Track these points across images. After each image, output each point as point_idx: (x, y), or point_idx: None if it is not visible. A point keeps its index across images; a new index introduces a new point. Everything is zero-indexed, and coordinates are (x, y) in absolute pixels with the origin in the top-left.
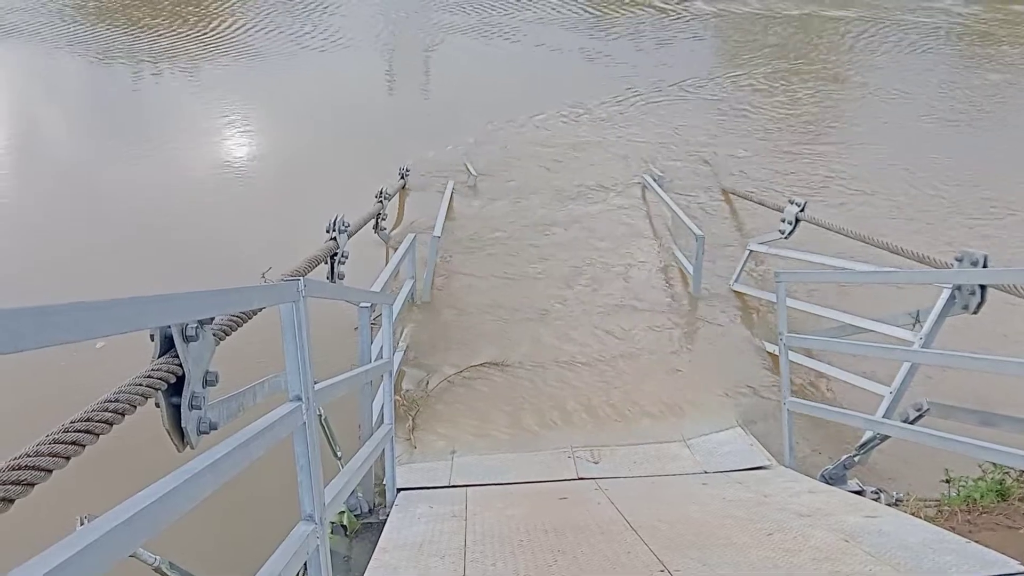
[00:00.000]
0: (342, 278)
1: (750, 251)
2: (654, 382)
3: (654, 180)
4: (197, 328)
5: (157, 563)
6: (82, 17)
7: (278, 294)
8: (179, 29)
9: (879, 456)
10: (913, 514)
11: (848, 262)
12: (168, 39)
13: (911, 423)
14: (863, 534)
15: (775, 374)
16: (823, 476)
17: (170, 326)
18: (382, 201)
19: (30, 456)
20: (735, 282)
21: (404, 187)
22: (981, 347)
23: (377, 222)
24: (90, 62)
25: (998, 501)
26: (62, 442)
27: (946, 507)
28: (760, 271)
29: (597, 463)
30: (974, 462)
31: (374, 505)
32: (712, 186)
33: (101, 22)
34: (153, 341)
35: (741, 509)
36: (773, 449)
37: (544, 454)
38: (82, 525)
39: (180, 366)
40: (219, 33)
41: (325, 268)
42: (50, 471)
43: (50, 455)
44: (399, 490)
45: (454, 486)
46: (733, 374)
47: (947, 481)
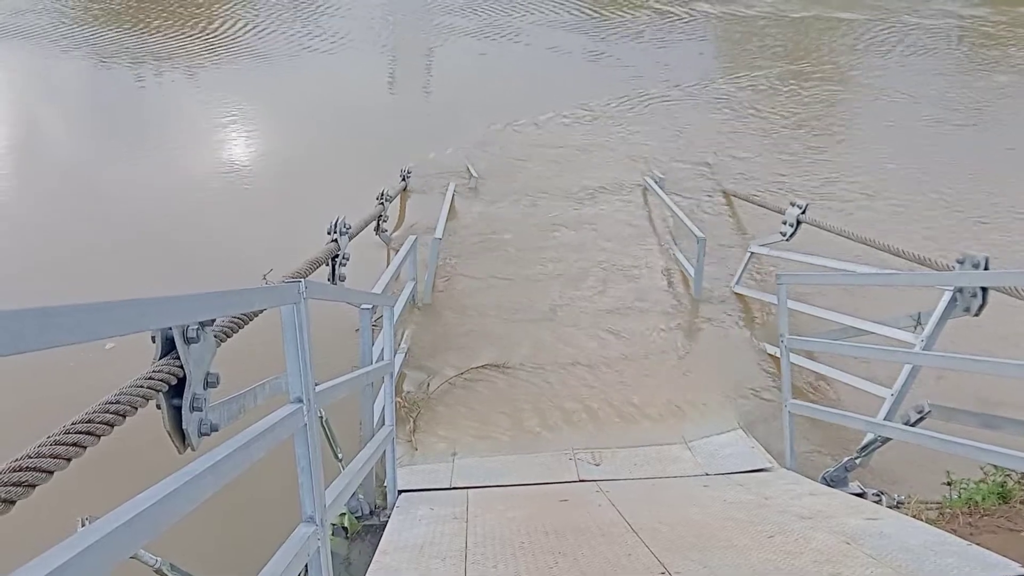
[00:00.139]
0: (343, 280)
1: (751, 253)
2: (655, 384)
3: (655, 182)
4: (198, 330)
5: (158, 565)
6: (91, 19)
7: (279, 296)
8: (181, 30)
9: (880, 458)
10: (914, 516)
11: (849, 264)
12: (169, 40)
13: (912, 425)
14: (864, 536)
15: (776, 376)
16: (824, 478)
17: (171, 328)
18: (383, 203)
19: (31, 457)
20: (736, 284)
21: (405, 189)
22: (982, 349)
23: (378, 224)
24: (92, 63)
25: (999, 503)
26: (63, 443)
27: (947, 509)
28: (761, 273)
29: (598, 465)
30: (975, 464)
31: (375, 507)
32: (714, 188)
33: (105, 24)
34: (154, 343)
35: (742, 511)
36: (774, 451)
37: (545, 456)
38: (83, 526)
39: (181, 368)
40: (221, 34)
41: (326, 270)
42: (51, 472)
43: (51, 456)
44: (400, 492)
45: (455, 488)
46: (734, 376)
47: (948, 483)
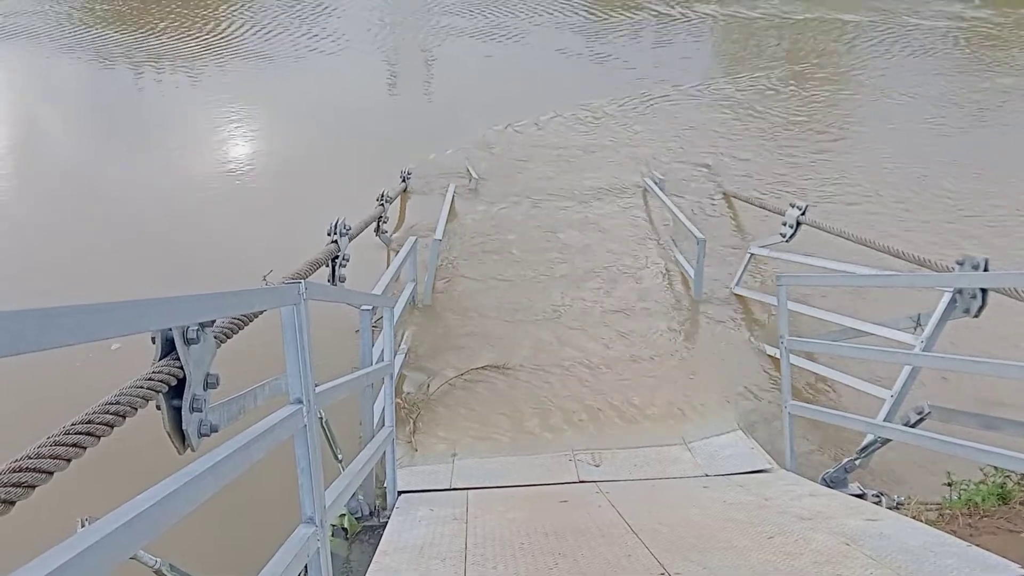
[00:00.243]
0: (343, 281)
1: (751, 254)
2: (655, 385)
3: (655, 184)
4: (198, 331)
5: (158, 565)
6: (95, 20)
7: (279, 297)
8: (187, 31)
9: (880, 459)
10: (914, 517)
11: (849, 265)
12: (172, 41)
13: (912, 426)
14: (864, 537)
15: (776, 377)
16: (824, 479)
17: (171, 328)
18: (383, 204)
19: (31, 458)
20: (736, 285)
21: (405, 190)
22: (982, 351)
23: (378, 225)
24: (94, 64)
25: (999, 505)
26: (63, 444)
27: (947, 511)
28: (761, 274)
29: (598, 466)
30: (975, 466)
31: (375, 508)
32: (714, 189)
33: (109, 25)
34: (154, 344)
35: (742, 512)
36: (774, 452)
37: (545, 457)
38: (83, 527)
39: (181, 368)
40: (222, 35)
41: (326, 271)
42: (51, 473)
43: (51, 457)
44: (400, 493)
45: (455, 489)
46: (734, 377)
47: (948, 484)
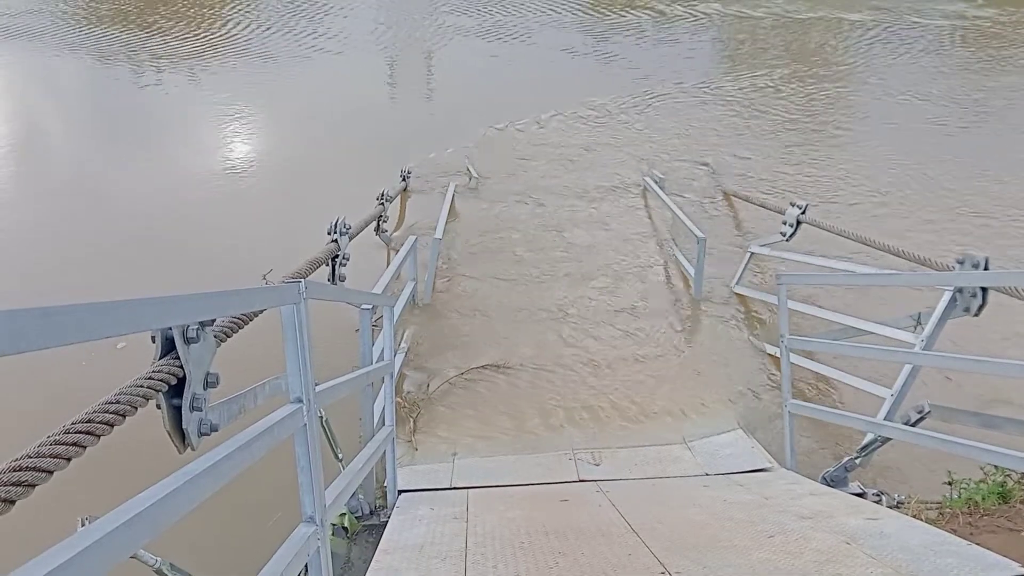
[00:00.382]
0: (343, 280)
1: (751, 253)
2: (655, 384)
3: (655, 182)
4: (198, 330)
5: (158, 564)
6: (98, 19)
7: (279, 296)
8: (185, 31)
9: (880, 458)
10: (914, 516)
11: (849, 264)
12: (176, 41)
13: (912, 425)
14: (864, 536)
15: (776, 376)
16: (824, 478)
17: (171, 328)
18: (383, 203)
19: (31, 457)
20: (736, 284)
21: (405, 189)
22: (982, 349)
23: (378, 224)
24: (96, 64)
25: (999, 503)
26: (63, 443)
27: (947, 509)
28: (761, 273)
29: (598, 465)
30: (975, 464)
31: (375, 507)
32: (715, 188)
33: (114, 24)
34: (154, 343)
35: (742, 511)
36: (774, 451)
37: (545, 456)
38: (83, 526)
39: (181, 368)
40: (224, 36)
41: (326, 270)
42: (51, 472)
43: (51, 456)
44: (400, 492)
45: (455, 488)
46: (734, 376)
47: (948, 483)
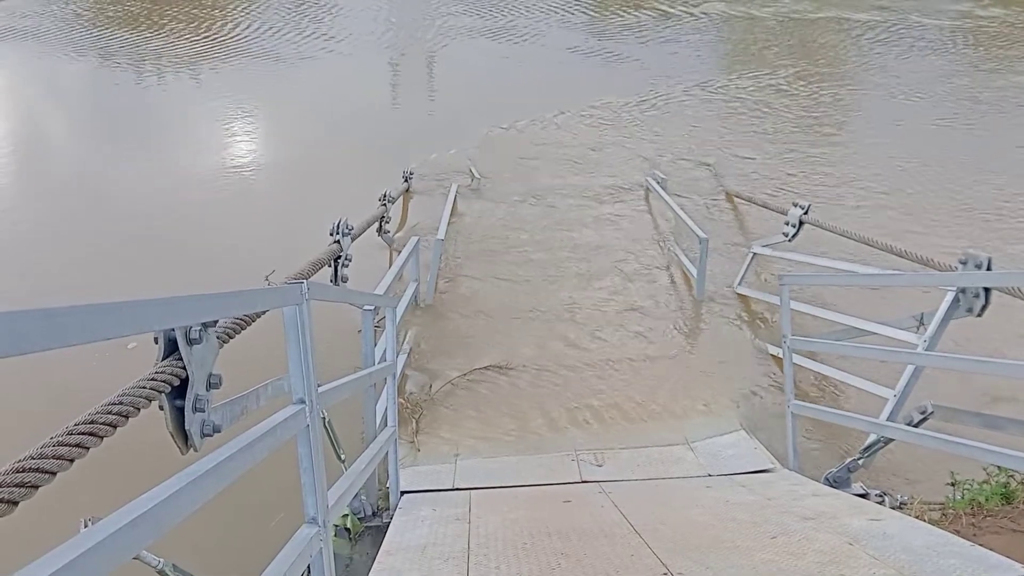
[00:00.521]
0: (345, 281)
1: (754, 254)
2: (657, 385)
3: (657, 183)
4: (201, 331)
5: (161, 566)
6: (105, 20)
7: (282, 297)
8: (188, 32)
9: (883, 459)
10: (917, 517)
11: (852, 265)
12: (178, 41)
13: (915, 426)
14: (867, 537)
15: (779, 377)
16: (827, 479)
17: (174, 329)
18: (386, 204)
19: (34, 458)
20: (739, 285)
21: (408, 190)
22: (985, 349)
23: (381, 225)
24: (99, 65)
25: (1003, 504)
26: (66, 444)
27: (950, 510)
28: (764, 274)
29: (601, 466)
30: (979, 465)
31: (377, 508)
32: (717, 188)
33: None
34: (157, 344)
35: (745, 512)
36: (777, 452)
37: (548, 457)
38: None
39: (184, 369)
40: (226, 36)
41: (328, 271)
42: (54, 473)
43: (54, 457)
44: (402, 493)
45: (458, 489)
46: (737, 377)
47: (952, 484)
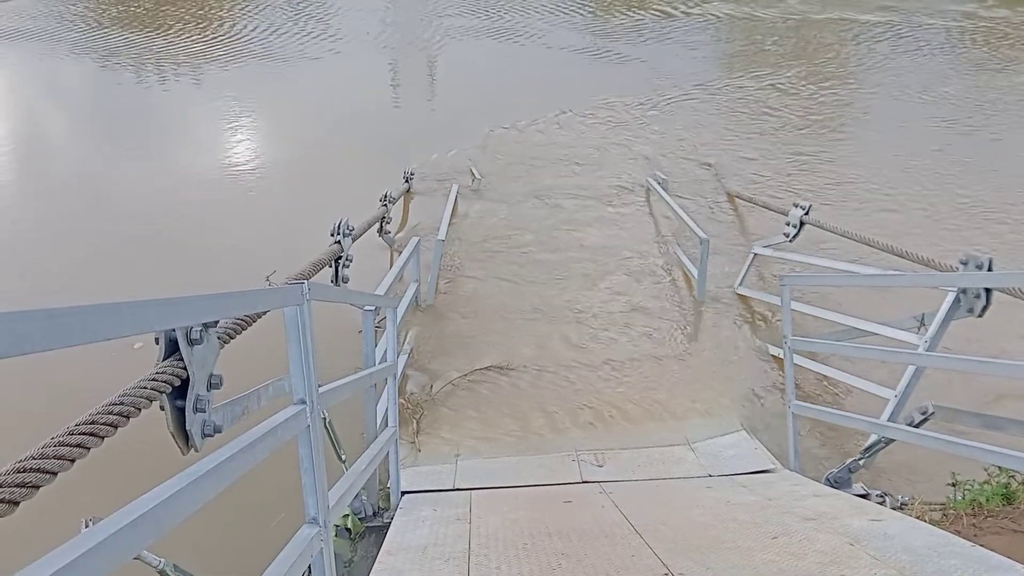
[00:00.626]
0: (346, 281)
1: (755, 254)
2: (658, 385)
3: (658, 183)
4: (201, 331)
5: (162, 566)
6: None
7: (282, 297)
8: (189, 33)
9: (884, 459)
10: (918, 518)
11: (853, 265)
12: (180, 42)
13: (916, 427)
14: (868, 538)
15: (780, 377)
16: (828, 479)
17: (174, 329)
18: (386, 205)
19: (35, 459)
20: (739, 285)
21: (408, 191)
22: (985, 350)
23: (381, 226)
24: (101, 65)
25: (1004, 505)
26: (67, 444)
27: (951, 511)
28: (765, 274)
29: (601, 466)
30: (979, 466)
31: (378, 508)
32: (719, 189)
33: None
34: (158, 344)
35: (745, 512)
36: (778, 452)
37: (548, 457)
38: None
39: (184, 369)
40: (228, 36)
41: (329, 271)
42: (55, 473)
43: (55, 458)
44: (403, 493)
45: (458, 489)
46: (737, 377)
47: (952, 485)
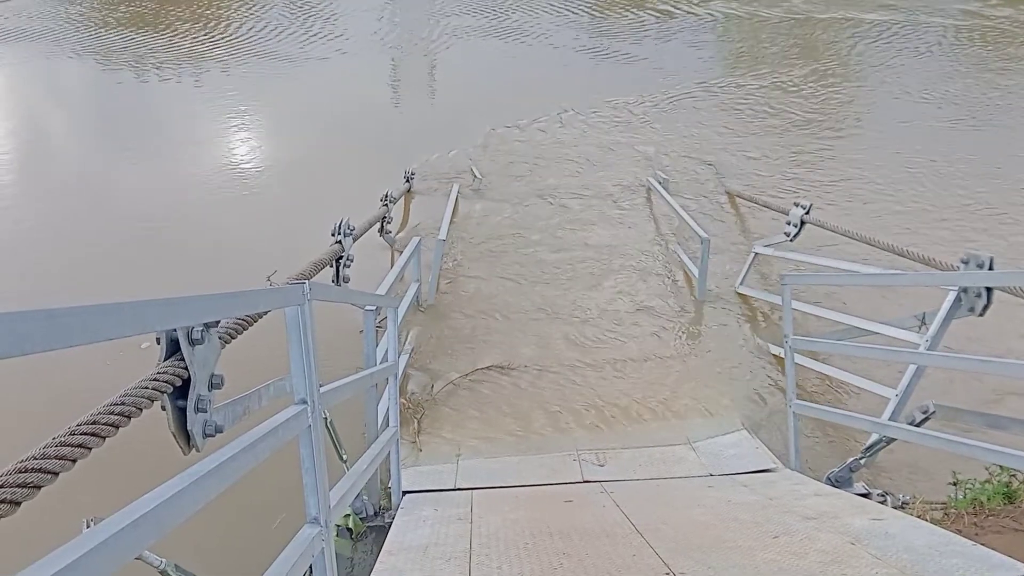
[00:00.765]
0: (347, 281)
1: (755, 254)
2: (659, 385)
3: (659, 183)
4: (203, 331)
5: (163, 566)
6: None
7: (283, 297)
8: (190, 33)
9: (885, 459)
10: (919, 517)
11: (854, 265)
12: (174, 42)
13: (917, 426)
14: (869, 537)
15: (780, 377)
16: (829, 479)
17: (176, 329)
18: (387, 204)
19: (36, 459)
20: (740, 285)
21: (409, 191)
22: (987, 349)
23: (382, 225)
24: (102, 66)
25: (1005, 504)
26: (68, 444)
27: (952, 510)
28: (765, 274)
29: (602, 466)
30: (980, 465)
31: (379, 508)
32: (719, 188)
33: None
34: (159, 344)
35: (747, 512)
36: (778, 452)
37: (549, 457)
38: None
39: (186, 369)
40: (229, 37)
41: (330, 271)
42: (56, 474)
43: (56, 458)
44: (404, 493)
45: (459, 489)
46: (738, 377)
47: (954, 484)
